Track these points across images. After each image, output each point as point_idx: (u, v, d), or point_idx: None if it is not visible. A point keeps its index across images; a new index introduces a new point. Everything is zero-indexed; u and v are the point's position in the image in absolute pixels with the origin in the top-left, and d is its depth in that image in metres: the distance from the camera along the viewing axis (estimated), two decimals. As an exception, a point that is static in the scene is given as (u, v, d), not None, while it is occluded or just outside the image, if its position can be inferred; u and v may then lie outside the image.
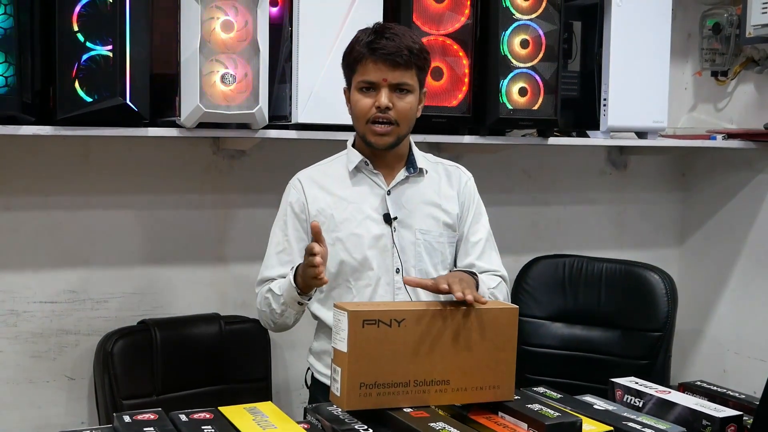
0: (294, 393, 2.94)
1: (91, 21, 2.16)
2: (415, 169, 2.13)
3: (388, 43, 1.98)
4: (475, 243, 2.17)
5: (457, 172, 2.21)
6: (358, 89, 2.03)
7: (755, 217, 3.33)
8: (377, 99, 1.99)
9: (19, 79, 2.09)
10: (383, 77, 1.98)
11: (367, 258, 2.08)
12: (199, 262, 2.80)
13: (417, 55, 2.01)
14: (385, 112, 2.00)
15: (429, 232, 2.12)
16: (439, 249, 2.13)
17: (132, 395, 2.47)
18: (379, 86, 2.00)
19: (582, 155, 3.40)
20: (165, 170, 2.72)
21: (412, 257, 2.10)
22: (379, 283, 2.09)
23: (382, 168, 2.11)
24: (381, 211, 2.10)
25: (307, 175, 2.15)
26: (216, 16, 2.24)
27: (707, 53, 3.35)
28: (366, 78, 2.00)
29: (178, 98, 2.29)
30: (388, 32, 2.00)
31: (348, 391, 1.61)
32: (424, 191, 2.14)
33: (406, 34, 2.03)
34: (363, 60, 2.00)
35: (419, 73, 2.04)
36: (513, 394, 1.73)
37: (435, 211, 2.13)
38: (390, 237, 2.09)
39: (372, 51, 1.98)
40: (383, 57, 1.97)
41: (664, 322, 2.72)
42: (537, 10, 2.68)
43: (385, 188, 2.11)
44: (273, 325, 2.12)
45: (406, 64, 1.99)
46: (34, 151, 2.53)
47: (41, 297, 2.60)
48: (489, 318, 1.73)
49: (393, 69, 1.98)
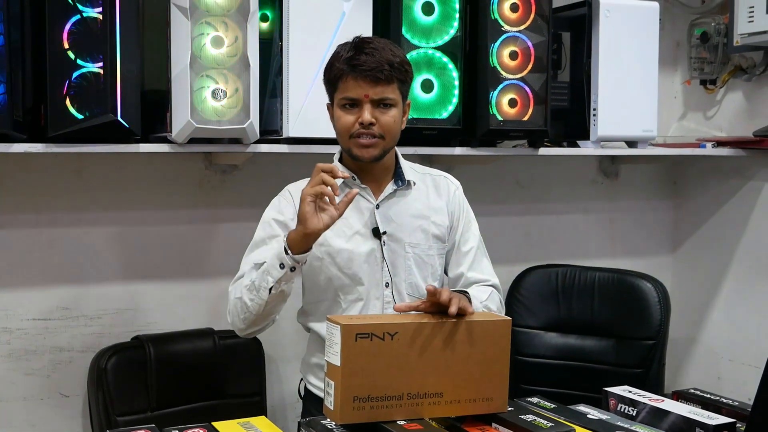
0: (288, 407, 2.94)
1: (82, 38, 2.17)
2: (403, 182, 2.12)
3: (368, 58, 1.95)
4: (466, 252, 2.17)
5: (444, 182, 2.21)
6: (340, 106, 2.00)
7: (746, 224, 3.34)
8: (360, 115, 1.97)
9: (11, 96, 2.10)
10: (364, 93, 1.96)
11: (357, 273, 2.07)
12: (192, 276, 2.80)
13: (398, 69, 1.98)
14: (368, 128, 1.97)
15: (418, 245, 2.12)
16: (429, 262, 2.13)
17: (126, 411, 2.46)
18: (362, 102, 1.97)
19: (573, 165, 3.41)
20: (157, 186, 2.72)
21: (402, 271, 2.10)
22: (369, 297, 2.09)
23: (369, 182, 2.10)
24: (370, 226, 2.09)
25: (297, 188, 2.11)
26: (206, 31, 2.25)
27: (696, 62, 3.37)
28: (347, 95, 1.98)
29: (169, 114, 2.29)
30: (368, 47, 1.97)
31: (341, 404, 1.61)
32: (413, 204, 2.13)
33: (386, 47, 1.99)
34: (343, 77, 1.97)
35: (401, 86, 2.01)
36: (507, 406, 1.73)
37: (424, 224, 2.13)
38: (380, 251, 2.08)
39: (352, 68, 1.95)
40: (363, 73, 1.94)
41: (658, 330, 2.73)
42: (525, 22, 2.69)
43: (373, 202, 2.10)
44: (243, 316, 1.99)
45: (387, 79, 1.96)
46: (26, 168, 2.53)
47: (34, 314, 2.59)
48: (482, 330, 1.73)
49: (374, 85, 1.96)
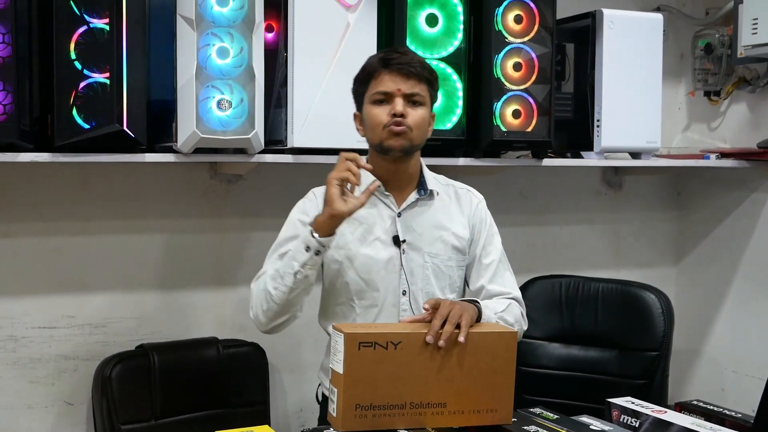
0: (292, 416, 2.94)
1: (89, 49, 2.19)
2: (426, 192, 2.15)
3: (401, 56, 2.06)
4: (487, 265, 2.18)
5: (468, 195, 2.23)
6: (371, 102, 2.07)
7: (750, 235, 3.34)
8: (392, 107, 2.03)
9: (18, 106, 2.11)
10: (397, 87, 2.03)
11: (374, 279, 2.09)
12: (196, 286, 2.81)
13: (428, 71, 2.08)
14: (400, 118, 2.03)
15: (438, 256, 2.13)
16: (447, 272, 2.14)
17: (130, 420, 2.47)
18: (393, 96, 2.04)
19: (577, 176, 3.42)
20: (163, 195, 2.73)
21: (419, 280, 2.11)
22: (385, 304, 2.10)
23: (393, 190, 2.13)
24: (391, 233, 2.11)
25: (322, 190, 2.12)
26: (212, 42, 2.27)
27: (700, 73, 3.38)
28: (380, 89, 2.05)
29: (174, 124, 2.31)
30: (400, 49, 2.12)
31: (343, 412, 1.62)
32: (435, 214, 2.16)
33: (416, 54, 2.13)
34: (376, 73, 2.05)
35: (430, 89, 2.09)
36: (511, 418, 1.73)
37: (445, 235, 2.15)
38: (398, 259, 2.10)
39: (385, 63, 2.05)
40: (397, 68, 2.03)
41: (661, 341, 2.72)
42: (529, 34, 2.71)
43: (396, 210, 2.13)
44: (267, 306, 2.02)
45: (419, 76, 2.05)
46: (33, 177, 2.54)
47: (39, 322, 2.60)
48: (487, 342, 1.73)
49: (406, 79, 2.03)
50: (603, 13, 2.90)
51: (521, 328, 2.14)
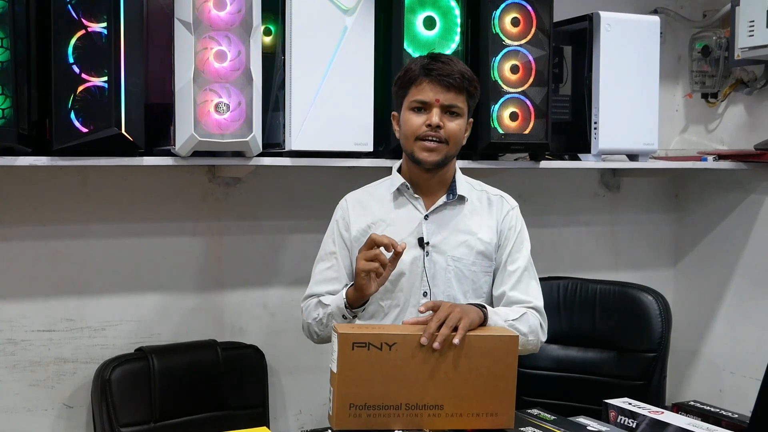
0: (291, 418, 2.95)
1: (87, 53, 2.19)
2: (455, 196, 2.17)
3: (443, 66, 2.07)
4: (512, 272, 2.17)
5: (499, 202, 2.24)
6: (410, 108, 2.09)
7: (748, 237, 3.35)
8: (429, 118, 2.06)
9: (16, 110, 2.12)
10: (436, 97, 2.06)
11: (398, 279, 2.12)
12: (195, 288, 2.82)
13: (469, 81, 2.10)
14: (436, 131, 2.06)
15: (461, 260, 2.14)
16: (471, 277, 2.15)
17: (130, 423, 2.47)
18: (431, 106, 2.06)
19: (575, 178, 3.42)
20: (161, 198, 2.74)
21: (441, 282, 2.13)
22: (407, 304, 2.13)
23: (423, 193, 2.16)
24: (416, 235, 2.14)
25: (353, 196, 2.23)
26: (209, 46, 2.27)
27: (697, 75, 3.38)
28: (419, 97, 2.07)
29: (172, 127, 2.32)
30: (444, 57, 2.11)
31: (338, 411, 1.63)
32: (462, 219, 2.17)
33: (459, 61, 2.13)
34: (417, 80, 2.08)
35: (469, 100, 2.11)
36: (512, 423, 1.73)
37: (470, 239, 2.16)
38: (422, 261, 2.12)
39: (427, 72, 2.06)
40: (438, 78, 2.05)
41: (659, 342, 2.73)
42: (526, 36, 2.71)
43: (423, 213, 2.15)
44: (316, 337, 2.17)
45: (459, 88, 2.07)
46: (31, 181, 2.55)
47: (39, 326, 2.61)
48: (486, 345, 1.74)
49: (446, 90, 2.06)
50: (600, 16, 2.90)
51: (537, 339, 2.10)
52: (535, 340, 2.10)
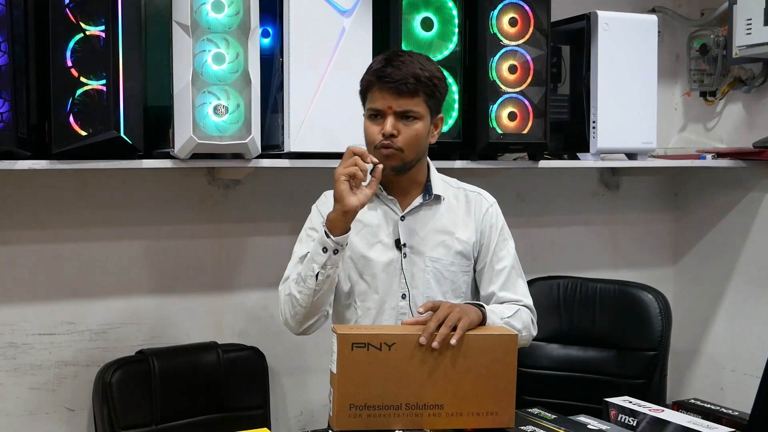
0: (292, 420, 2.95)
1: (85, 56, 2.20)
2: (431, 196, 2.15)
3: (394, 71, 2.00)
4: (500, 271, 2.16)
5: (477, 199, 2.21)
6: (367, 116, 2.07)
7: (747, 235, 3.35)
8: (383, 126, 2.02)
9: (15, 114, 2.12)
10: (388, 105, 2.01)
11: (374, 282, 2.10)
12: (196, 290, 2.82)
13: (425, 83, 2.01)
14: (389, 139, 2.01)
15: (439, 260, 2.13)
16: (450, 277, 2.14)
17: (131, 425, 2.48)
18: (385, 114, 2.02)
19: (574, 177, 3.42)
20: (161, 201, 2.74)
21: (420, 284, 2.12)
22: (384, 307, 2.11)
23: (397, 194, 2.14)
24: (393, 237, 2.12)
25: None
26: (207, 48, 2.27)
27: (695, 74, 3.38)
28: (373, 106, 2.04)
29: (171, 130, 2.32)
30: (397, 60, 2.02)
31: (338, 411, 1.64)
32: (439, 218, 2.15)
33: (416, 61, 2.04)
34: (371, 88, 2.04)
35: (428, 100, 2.04)
36: (513, 421, 1.73)
37: (448, 239, 2.14)
38: (399, 262, 2.11)
39: (378, 79, 2.01)
40: (387, 85, 2.00)
41: (659, 341, 2.73)
42: (524, 36, 2.72)
43: (399, 214, 2.13)
44: (294, 311, 2.03)
45: (412, 92, 2.00)
46: (31, 184, 2.55)
47: (39, 329, 2.61)
48: (485, 344, 1.74)
49: (397, 97, 2.00)
50: (598, 15, 2.91)
51: (530, 334, 2.12)
52: (528, 336, 2.11)
